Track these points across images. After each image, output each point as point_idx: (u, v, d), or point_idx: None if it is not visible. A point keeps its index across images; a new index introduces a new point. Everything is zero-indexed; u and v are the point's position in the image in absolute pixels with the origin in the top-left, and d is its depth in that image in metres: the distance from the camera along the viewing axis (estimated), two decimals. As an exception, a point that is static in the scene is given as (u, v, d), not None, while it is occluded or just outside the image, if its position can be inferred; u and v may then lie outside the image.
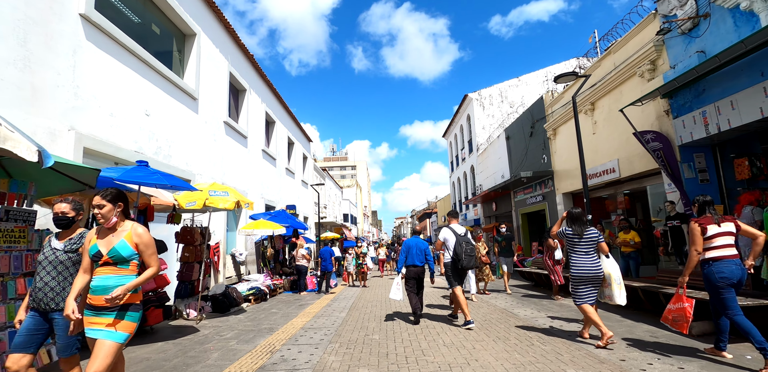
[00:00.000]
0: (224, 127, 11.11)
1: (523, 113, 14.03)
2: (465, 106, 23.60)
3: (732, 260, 3.72)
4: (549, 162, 12.20)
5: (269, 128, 16.37)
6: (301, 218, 20.27)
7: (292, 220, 11.41)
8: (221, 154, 10.76)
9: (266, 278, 9.73)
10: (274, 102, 16.51)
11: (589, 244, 4.50)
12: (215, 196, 5.69)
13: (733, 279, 3.66)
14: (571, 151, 10.74)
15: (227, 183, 11.05)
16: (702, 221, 3.86)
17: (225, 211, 10.65)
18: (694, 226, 3.84)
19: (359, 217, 58.18)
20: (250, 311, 7.39)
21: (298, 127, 21.00)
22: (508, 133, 15.99)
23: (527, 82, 22.09)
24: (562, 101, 11.04)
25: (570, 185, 10.97)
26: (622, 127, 8.38)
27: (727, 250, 3.76)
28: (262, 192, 14.27)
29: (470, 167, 23.44)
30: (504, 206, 17.37)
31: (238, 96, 13.04)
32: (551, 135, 11.76)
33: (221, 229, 10.52)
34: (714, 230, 3.79)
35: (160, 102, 7.96)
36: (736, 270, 3.68)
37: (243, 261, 11.23)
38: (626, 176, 8.46)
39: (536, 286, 10.13)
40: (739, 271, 3.68)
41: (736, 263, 3.72)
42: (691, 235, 3.86)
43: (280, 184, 16.84)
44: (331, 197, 32.59)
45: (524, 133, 13.88)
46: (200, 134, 9.63)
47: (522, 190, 14.67)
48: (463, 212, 26.50)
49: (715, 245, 3.78)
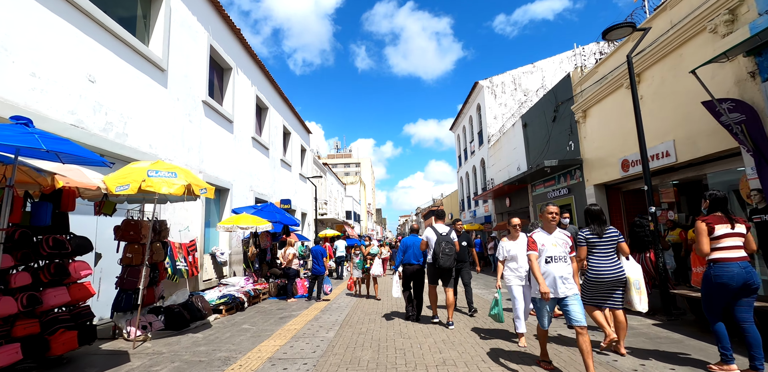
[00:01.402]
0: (203, 107, 9.64)
1: (545, 96, 12.45)
2: (475, 94, 21.99)
3: (735, 263, 3.49)
4: (577, 149, 10.62)
5: (261, 115, 14.90)
6: (299, 214, 18.82)
7: (282, 214, 9.94)
8: (199, 138, 9.30)
9: (247, 282, 8.28)
10: (267, 86, 15.02)
11: (609, 244, 4.14)
12: (156, 178, 4.22)
13: (733, 284, 3.45)
14: (607, 135, 9.16)
15: (206, 171, 9.59)
16: (710, 219, 3.66)
17: (202, 202, 9.20)
18: (699, 225, 3.68)
19: (363, 214, 56.76)
20: (216, 327, 5.92)
21: (295, 117, 19.51)
22: (525, 120, 14.41)
23: (542, 68, 20.45)
24: (595, 77, 9.46)
25: (604, 175, 9.39)
26: (681, 99, 6.80)
27: (733, 251, 3.55)
28: (251, 184, 12.82)
29: (480, 160, 21.86)
30: (519, 201, 15.80)
31: (222, 75, 11.56)
32: (580, 118, 10.18)
33: (198, 223, 9.07)
34: (723, 230, 3.59)
35: (112, 68, 6.49)
36: (739, 274, 3.44)
37: (225, 261, 9.78)
38: (685, 161, 6.89)
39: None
40: (743, 274, 3.44)
41: (740, 266, 3.47)
42: (696, 235, 3.70)
43: (273, 176, 15.38)
44: (332, 193, 31.14)
45: (546, 118, 12.30)
46: (170, 112, 8.16)
47: (542, 183, 13.10)
48: (472, 209, 24.93)
49: (721, 246, 3.58)
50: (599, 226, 4.19)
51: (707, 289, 3.66)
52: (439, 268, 5.75)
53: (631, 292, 4.14)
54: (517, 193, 15.95)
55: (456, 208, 30.93)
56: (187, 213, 8.71)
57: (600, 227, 4.18)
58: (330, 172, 30.56)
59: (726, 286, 3.47)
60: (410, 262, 6.18)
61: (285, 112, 17.54)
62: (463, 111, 25.19)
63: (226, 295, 6.86)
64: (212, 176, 9.89)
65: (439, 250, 5.68)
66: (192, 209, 8.91)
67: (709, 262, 3.64)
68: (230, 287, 7.57)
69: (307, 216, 20.79)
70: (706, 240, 3.61)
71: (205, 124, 9.73)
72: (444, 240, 5.75)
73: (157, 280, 5.51)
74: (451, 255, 5.68)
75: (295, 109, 18.93)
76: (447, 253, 5.67)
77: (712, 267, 3.59)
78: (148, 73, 7.49)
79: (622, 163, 8.50)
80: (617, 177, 8.77)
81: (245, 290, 7.64)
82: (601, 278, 4.04)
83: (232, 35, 11.72)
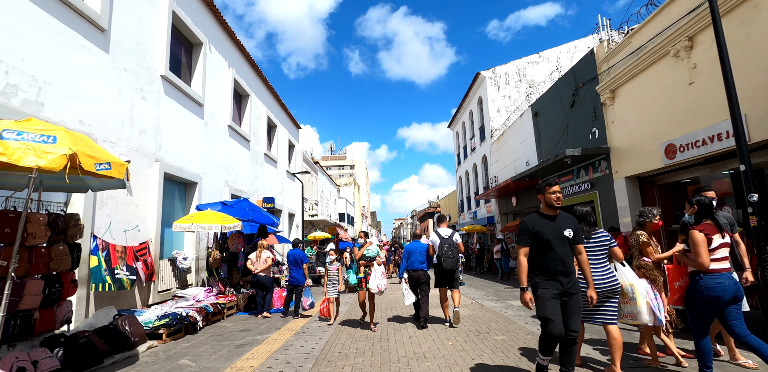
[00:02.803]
0: (162, 83, 8.07)
1: (560, 79, 11.01)
2: (476, 86, 20.56)
3: (725, 274, 3.30)
4: (602, 136, 9.15)
5: (241, 102, 13.32)
6: (285, 215, 17.21)
7: (257, 212, 8.36)
8: (156, 120, 7.71)
9: (208, 294, 6.69)
10: (248, 71, 13.46)
11: (599, 249, 3.69)
12: (13, 143, 2.62)
13: (725, 296, 3.23)
14: (644, 117, 7.70)
15: (166, 160, 8.00)
16: (707, 229, 3.37)
17: (158, 196, 7.60)
18: (698, 235, 3.33)
19: (357, 217, 55.15)
20: (144, 362, 4.28)
21: (282, 109, 17.95)
22: (535, 109, 12.95)
23: (548, 58, 19.08)
24: (628, 49, 8.01)
25: (639, 165, 7.92)
26: (756, 64, 5.34)
27: (724, 262, 3.37)
28: (227, 179, 11.22)
29: (482, 158, 20.39)
30: (528, 200, 14.31)
31: (192, 51, 10.00)
32: (607, 99, 8.72)
33: (151, 222, 7.47)
34: (718, 241, 3.37)
35: (19, 13, 4.91)
36: (730, 286, 3.26)
37: (188, 268, 8.16)
38: (761, 141, 5.42)
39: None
40: (733, 286, 3.27)
41: (728, 277, 3.30)
42: (695, 247, 3.35)
43: (255, 171, 13.79)
44: (324, 194, 29.53)
45: (562, 104, 10.85)
46: (113, 84, 6.58)
47: (556, 178, 11.61)
48: (472, 210, 23.43)
49: (715, 258, 3.35)
50: (587, 227, 3.74)
51: (697, 303, 3.41)
52: (443, 271, 6.01)
53: (639, 303, 3.63)
54: (525, 191, 14.46)
55: (454, 210, 29.40)
56: (136, 209, 7.11)
57: (588, 229, 3.73)
58: (322, 172, 28.98)
59: (719, 299, 3.27)
60: (414, 268, 6.27)
61: (270, 103, 15.97)
62: (463, 106, 23.75)
63: (169, 314, 5.23)
64: (174, 166, 8.30)
65: (441, 253, 5.96)
66: (143, 205, 7.30)
67: (697, 274, 3.40)
68: (182, 302, 5.98)
69: (296, 217, 19.17)
70: (706, 252, 3.32)
71: (165, 104, 8.15)
72: (446, 243, 6.01)
73: (58, 297, 3.92)
74: (453, 257, 5.94)
75: (282, 101, 17.38)
76: (449, 255, 5.93)
77: (702, 278, 3.34)
78: (80, 30, 5.91)
79: (666, 149, 7.03)
80: (658, 166, 7.30)
81: (201, 306, 6.02)
82: None
83: (203, 6, 10.17)
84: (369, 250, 5.96)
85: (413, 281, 6.21)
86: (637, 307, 3.62)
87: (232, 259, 8.08)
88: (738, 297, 3.26)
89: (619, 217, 8.59)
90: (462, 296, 9.53)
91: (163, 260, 7.85)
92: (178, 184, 9.01)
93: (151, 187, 7.58)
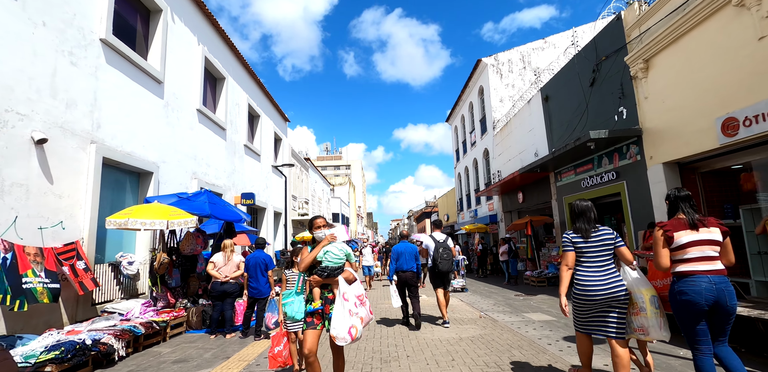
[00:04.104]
0: (102, 48, 6.62)
1: (577, 54, 9.60)
2: (477, 75, 19.18)
3: (703, 277, 2.77)
4: (632, 116, 7.77)
5: (216, 86, 11.86)
6: (270, 213, 15.74)
7: (220, 207, 6.91)
8: (92, 92, 6.24)
9: (145, 310, 5.23)
10: (223, 50, 12.00)
11: (601, 250, 3.17)
12: None
13: (700, 302, 2.72)
14: (691, 88, 6.32)
15: (107, 142, 6.55)
16: (668, 225, 2.94)
17: (91, 185, 6.15)
18: (657, 233, 2.95)
19: (352, 217, 53.71)
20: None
21: (267, 98, 16.49)
22: (546, 93, 11.56)
23: (555, 43, 17.73)
24: (667, 9, 6.62)
25: (683, 147, 6.52)
26: None
27: (702, 263, 2.82)
28: (195, 170, 9.76)
29: (483, 152, 19.01)
30: (537, 195, 12.91)
31: (149, 19, 8.53)
32: (639, 71, 7.32)
33: (83, 218, 6.00)
34: (686, 238, 2.86)
35: None
36: (708, 290, 2.72)
37: (135, 274, 6.68)
38: None
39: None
40: (712, 291, 2.72)
41: (709, 281, 2.75)
42: (653, 245, 3.00)
43: (233, 164, 12.33)
44: (316, 192, 28.07)
45: (580, 83, 9.45)
46: (21, 39, 5.11)
47: (572, 169, 10.22)
48: (473, 208, 22.03)
49: (687, 258, 2.86)
50: (586, 224, 3.25)
51: (675, 310, 2.94)
52: (438, 273, 6.17)
53: (649, 314, 3.05)
54: (534, 186, 13.06)
55: (453, 209, 27.98)
56: (59, 201, 5.64)
57: (588, 226, 3.24)
58: (314, 169, 27.51)
59: (692, 305, 2.76)
60: (402, 269, 6.24)
61: (252, 90, 14.51)
62: (462, 97, 22.36)
63: (63, 343, 3.74)
64: (119, 151, 6.84)
65: (438, 255, 6.14)
66: (71, 196, 5.83)
67: (673, 276, 2.96)
68: (108, 321, 4.49)
69: (281, 217, 17.68)
70: (664, 251, 2.92)
71: (107, 75, 6.70)
72: (442, 246, 6.21)
73: None
74: (449, 260, 6.16)
75: (266, 90, 15.93)
76: (445, 258, 6.15)
77: (675, 282, 2.91)
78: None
79: (723, 125, 5.64)
80: (712, 147, 5.91)
81: (125, 327, 4.50)
82: (589, 295, 3.08)
83: (163, -33, 8.71)
84: (330, 253, 3.15)
85: (402, 282, 6.22)
86: (648, 319, 3.06)
87: (189, 263, 6.61)
88: (724, 307, 2.72)
89: (655, 212, 7.20)
90: (467, 306, 8.10)
91: (101, 265, 6.38)
92: (128, 174, 7.55)
93: (84, 175, 6.12)
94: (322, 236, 3.22)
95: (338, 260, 3.13)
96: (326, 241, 3.15)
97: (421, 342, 5.00)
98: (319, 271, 3.08)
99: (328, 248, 3.14)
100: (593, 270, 3.13)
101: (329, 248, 3.15)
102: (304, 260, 3.13)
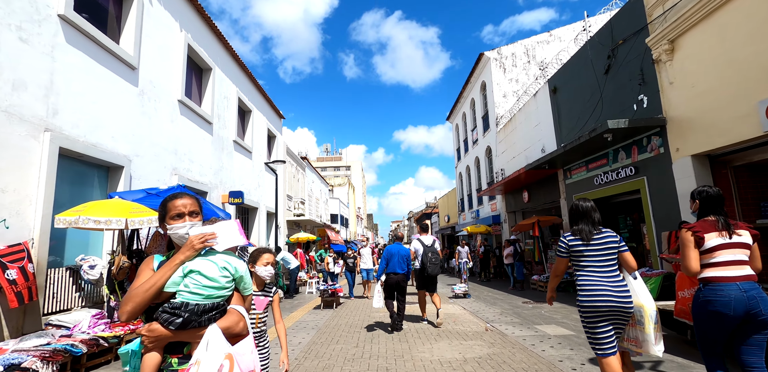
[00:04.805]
0: (60, 25, 5.88)
1: (590, 40, 8.86)
2: (479, 70, 18.45)
3: (732, 284, 2.52)
4: (654, 105, 7.02)
5: (201, 77, 11.13)
6: (262, 213, 14.98)
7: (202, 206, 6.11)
8: (47, 73, 5.48)
9: (96, 322, 4.48)
10: (209, 38, 11.27)
11: (605, 254, 2.85)
12: None
13: (730, 312, 2.48)
14: (725, 69, 5.56)
15: (65, 131, 5.81)
16: (698, 227, 2.72)
17: (42, 176, 5.40)
18: (685, 235, 2.72)
19: (351, 218, 52.92)
20: None
21: (260, 93, 15.77)
22: (554, 84, 10.82)
23: (560, 37, 17.00)
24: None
25: (716, 137, 5.76)
26: None
27: (731, 268, 2.59)
28: (176, 166, 9.02)
29: (485, 150, 18.27)
30: (544, 194, 12.15)
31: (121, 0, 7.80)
32: (663, 53, 6.57)
33: (32, 214, 5.25)
34: (716, 241, 2.65)
35: None
36: (738, 299, 2.47)
37: (96, 280, 5.92)
38: None
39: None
40: (742, 300, 2.47)
41: (739, 288, 2.51)
42: (681, 248, 2.76)
43: (221, 161, 11.59)
44: (313, 192, 27.32)
45: (594, 71, 8.70)
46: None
47: (583, 165, 9.47)
48: (474, 209, 21.26)
49: (715, 261, 2.64)
50: (589, 226, 2.91)
51: (698, 320, 2.72)
52: (427, 276, 6.42)
53: (647, 327, 2.77)
54: (540, 184, 12.30)
55: (454, 210, 27.21)
56: (2, 196, 4.88)
57: (590, 228, 2.90)
58: (310, 168, 26.77)
59: (721, 316, 2.54)
60: (395, 271, 6.20)
61: (243, 83, 13.78)
62: (463, 94, 21.64)
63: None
64: (81, 141, 6.10)
65: (426, 259, 6.37)
66: (17, 190, 5.09)
67: (699, 283, 2.73)
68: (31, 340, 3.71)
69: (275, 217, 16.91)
70: (694, 254, 2.68)
71: (66, 56, 5.96)
72: (430, 250, 6.43)
73: None
74: (437, 263, 6.40)
75: (258, 83, 15.20)
76: (434, 262, 6.37)
77: (702, 289, 2.68)
78: None
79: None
80: (754, 135, 5.15)
81: (59, 346, 3.67)
82: (597, 303, 2.73)
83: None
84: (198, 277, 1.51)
85: (390, 285, 6.14)
86: (644, 333, 2.83)
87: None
88: (757, 317, 2.46)
89: (681, 211, 6.44)
90: (470, 315, 7.34)
91: (55, 269, 5.62)
92: (95, 168, 6.81)
93: (36, 167, 5.37)
94: (183, 236, 1.57)
95: (213, 291, 1.52)
96: (190, 250, 1.50)
97: (417, 364, 4.24)
98: (165, 315, 1.44)
99: (195, 265, 1.52)
100: (597, 275, 2.84)
101: (197, 265, 1.52)
102: (136, 291, 1.43)
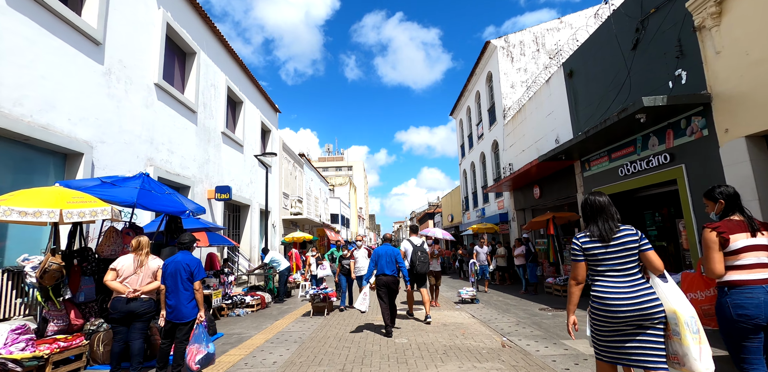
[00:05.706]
0: (-3, -16, 4.97)
1: (614, 13, 7.88)
2: (485, 60, 17.49)
3: (759, 287, 2.44)
4: (695, 80, 6.04)
5: (185, 62, 10.23)
6: (255, 211, 14.06)
7: (159, 196, 5.22)
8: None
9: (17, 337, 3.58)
10: (194, 20, 10.38)
11: (624, 256, 2.40)
12: None
13: (760, 316, 2.39)
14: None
15: (5, 110, 4.90)
16: (723, 227, 2.57)
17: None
18: (710, 235, 2.58)
19: (353, 218, 52.01)
20: None
21: (253, 84, 14.88)
22: (569, 67, 9.86)
23: (572, 23, 16.03)
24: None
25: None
26: None
27: (758, 271, 2.48)
28: (150, 156, 8.12)
29: (492, 144, 17.31)
30: (558, 189, 11.17)
31: (86, -33, 6.89)
32: (708, 18, 5.61)
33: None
34: (742, 242, 2.52)
35: None
36: (767, 302, 2.39)
37: (42, 285, 4.97)
38: None
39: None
40: None
41: (765, 291, 2.42)
42: (704, 249, 2.62)
43: (207, 153, 10.69)
44: (312, 191, 26.39)
45: (620, 47, 7.73)
46: None
47: (605, 155, 8.48)
48: (479, 207, 20.28)
49: (740, 264, 2.52)
50: (607, 224, 2.45)
51: (724, 326, 2.56)
52: (416, 274, 6.94)
53: (684, 339, 2.22)
54: (553, 178, 11.32)
55: (458, 209, 26.21)
56: None
57: (608, 226, 2.44)
58: (309, 166, 25.86)
59: (750, 320, 2.40)
60: (384, 273, 6.12)
61: (232, 72, 12.88)
62: (468, 87, 20.67)
63: None
64: (27, 121, 5.21)
65: (416, 258, 6.92)
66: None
67: (722, 287, 2.59)
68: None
69: (272, 215, 15.99)
70: (718, 256, 2.55)
71: (8, 23, 5.04)
72: (419, 250, 7.02)
73: None
74: (426, 262, 6.99)
75: (251, 73, 14.31)
76: (422, 260, 6.94)
77: (727, 293, 2.54)
78: None
79: None
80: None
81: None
82: (611, 312, 2.32)
83: None
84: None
85: (379, 287, 6.10)
86: (683, 346, 2.22)
87: (81, 272, 4.89)
88: None
89: (731, 202, 5.45)
90: (482, 326, 6.38)
91: (-11, 273, 4.70)
92: (48, 154, 5.90)
93: (-40, 149, 4.46)
94: None
95: None
96: None
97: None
98: None
99: None
100: (615, 280, 2.40)
101: None
102: None
